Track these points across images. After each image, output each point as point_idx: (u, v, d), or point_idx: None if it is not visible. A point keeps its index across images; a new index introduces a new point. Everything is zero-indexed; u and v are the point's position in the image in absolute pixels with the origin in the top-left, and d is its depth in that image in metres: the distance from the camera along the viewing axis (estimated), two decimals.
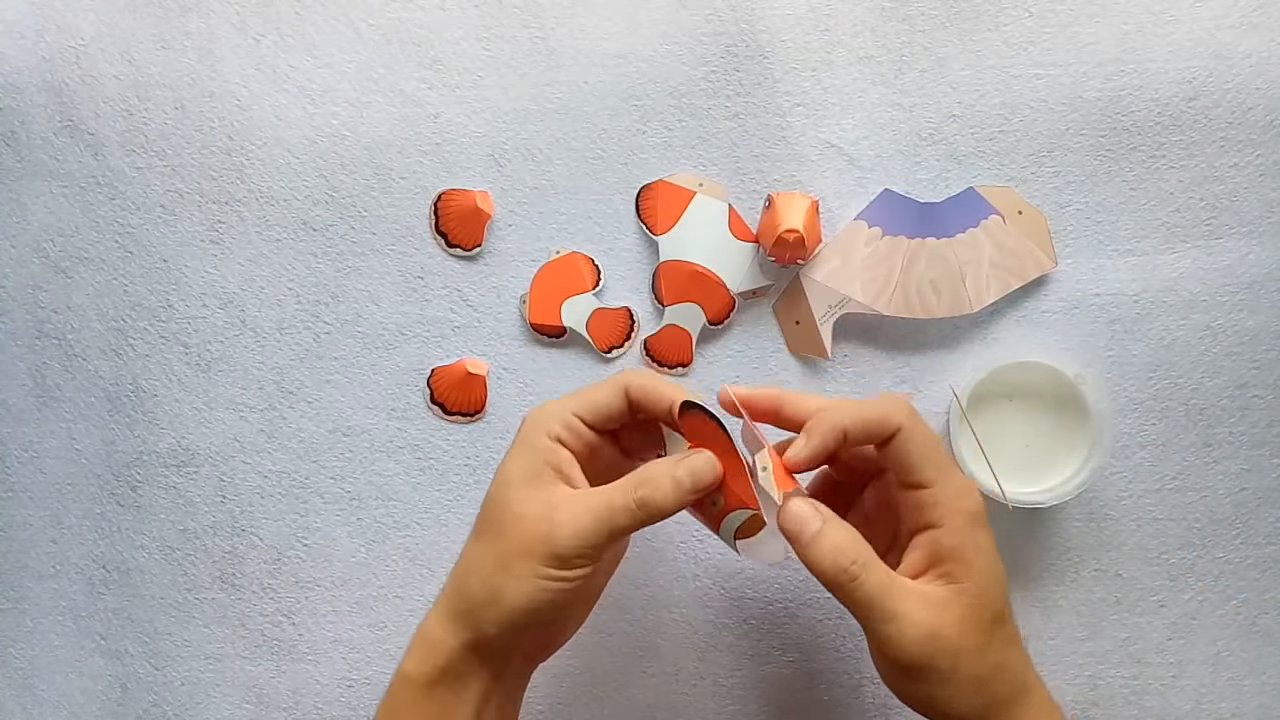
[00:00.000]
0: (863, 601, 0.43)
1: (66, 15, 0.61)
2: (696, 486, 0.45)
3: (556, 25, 0.60)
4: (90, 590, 0.62)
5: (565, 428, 0.46)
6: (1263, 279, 0.58)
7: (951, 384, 0.58)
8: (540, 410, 0.47)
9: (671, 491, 0.45)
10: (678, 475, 0.45)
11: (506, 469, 0.46)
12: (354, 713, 0.61)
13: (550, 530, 0.44)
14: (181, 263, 0.61)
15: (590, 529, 0.44)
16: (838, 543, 0.44)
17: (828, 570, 0.44)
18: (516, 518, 0.44)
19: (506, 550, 0.44)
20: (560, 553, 0.43)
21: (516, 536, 0.44)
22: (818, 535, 0.44)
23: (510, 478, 0.46)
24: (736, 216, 0.59)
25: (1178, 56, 0.58)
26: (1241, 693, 0.59)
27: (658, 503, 0.44)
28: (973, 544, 0.44)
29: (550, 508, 0.44)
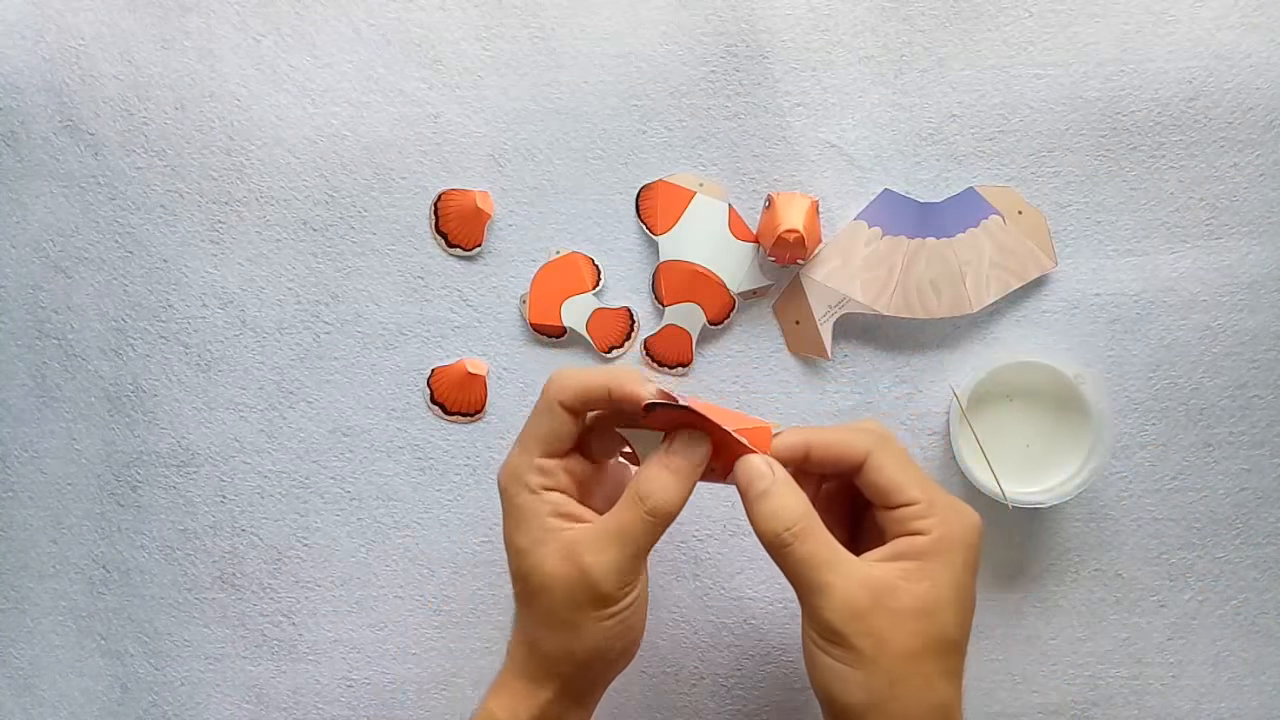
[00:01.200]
0: (794, 568, 0.43)
1: (66, 15, 0.61)
2: (695, 466, 0.45)
3: (557, 25, 0.60)
4: (90, 590, 0.62)
5: (539, 473, 0.45)
6: (1263, 279, 0.58)
7: (951, 384, 0.58)
8: (509, 471, 0.46)
9: (675, 486, 0.44)
10: (673, 466, 0.45)
11: (514, 541, 0.46)
12: (354, 713, 0.61)
13: (584, 577, 0.44)
14: (181, 263, 0.61)
15: (619, 559, 0.44)
16: (779, 506, 0.43)
17: (764, 532, 0.43)
18: (550, 581, 0.44)
19: (558, 612, 0.44)
20: (605, 592, 0.44)
21: (560, 597, 0.44)
22: (763, 495, 0.43)
23: (521, 546, 0.45)
24: (736, 216, 0.59)
25: (1178, 56, 0.58)
26: (1241, 693, 0.59)
27: (668, 504, 0.44)
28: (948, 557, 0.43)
29: (574, 556, 0.44)
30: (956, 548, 0.43)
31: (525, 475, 0.45)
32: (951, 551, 0.43)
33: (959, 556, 0.43)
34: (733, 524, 0.60)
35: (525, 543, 0.45)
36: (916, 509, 0.44)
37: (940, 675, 0.43)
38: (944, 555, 0.43)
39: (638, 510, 0.44)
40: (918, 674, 0.42)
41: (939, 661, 0.43)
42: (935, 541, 0.43)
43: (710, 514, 0.60)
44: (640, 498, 0.44)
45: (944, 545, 0.43)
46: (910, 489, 0.44)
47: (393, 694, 0.61)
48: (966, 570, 0.44)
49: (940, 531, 0.43)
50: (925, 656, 0.42)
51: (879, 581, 0.42)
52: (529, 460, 0.46)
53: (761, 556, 0.60)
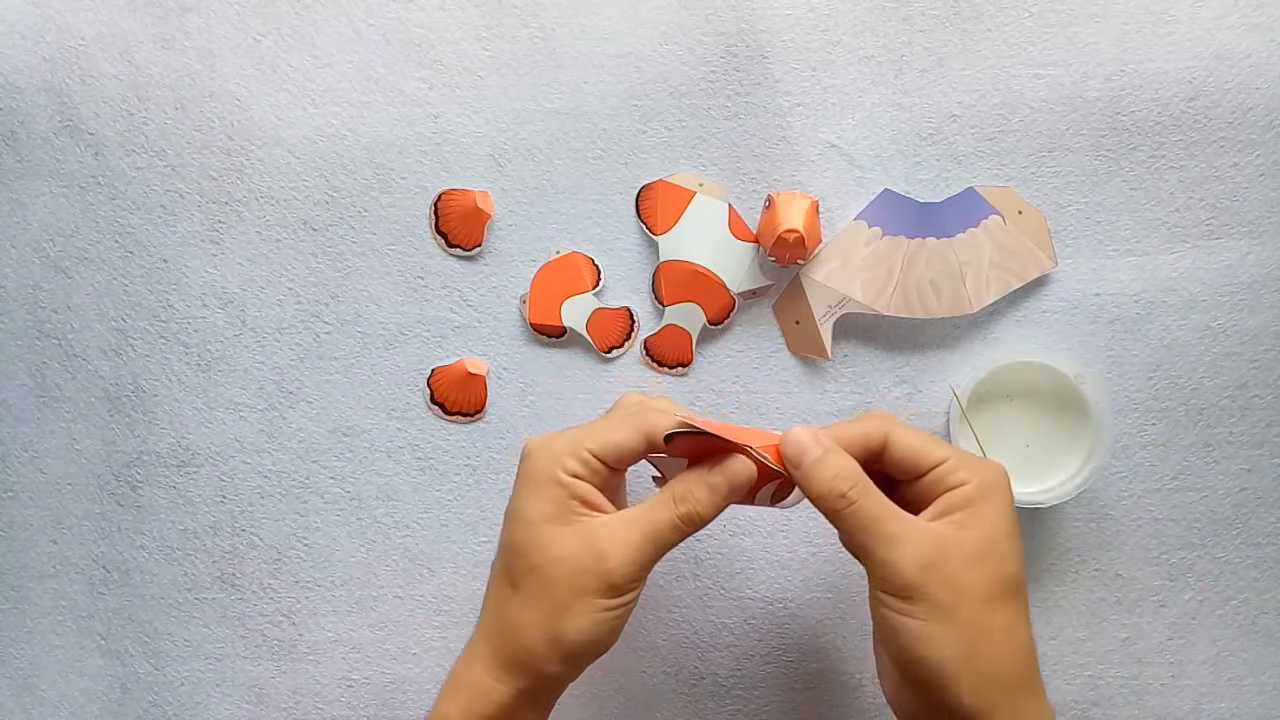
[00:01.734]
0: (860, 526, 0.43)
1: (66, 15, 0.61)
2: (734, 490, 0.45)
3: (557, 25, 0.60)
4: (90, 590, 0.62)
5: (581, 463, 0.45)
6: (1263, 279, 0.58)
7: (951, 384, 0.58)
8: (548, 444, 0.46)
9: (710, 500, 0.45)
10: (714, 483, 0.45)
11: (524, 510, 0.45)
12: (354, 713, 0.61)
13: (598, 563, 0.43)
14: (181, 263, 0.61)
15: (642, 551, 0.44)
16: (836, 469, 0.44)
17: (825, 494, 0.43)
18: (558, 559, 0.44)
19: (555, 593, 0.43)
20: (616, 581, 0.43)
21: (564, 577, 0.43)
22: (819, 460, 0.44)
23: (533, 518, 0.44)
24: (736, 216, 0.59)
25: (1178, 56, 0.58)
26: (1241, 693, 0.59)
27: (701, 514, 0.45)
28: (993, 501, 0.44)
29: (592, 540, 0.44)
30: (997, 490, 0.44)
31: (566, 458, 0.45)
32: (995, 494, 0.44)
33: (1002, 497, 0.44)
34: (733, 524, 0.60)
35: (537, 515, 0.44)
36: (948, 465, 0.44)
37: (1017, 618, 0.43)
38: (988, 499, 0.44)
39: (670, 511, 0.44)
40: (999, 619, 0.42)
41: (1013, 602, 0.43)
42: (976, 488, 0.44)
43: None
44: (676, 500, 0.45)
45: (985, 489, 0.44)
46: (935, 450, 0.45)
47: (393, 694, 0.61)
48: (1010, 512, 0.44)
49: (978, 479, 0.44)
50: (1001, 599, 0.42)
51: (940, 534, 0.43)
52: (577, 448, 0.45)
53: (762, 556, 0.60)
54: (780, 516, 0.60)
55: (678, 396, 0.60)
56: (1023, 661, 0.43)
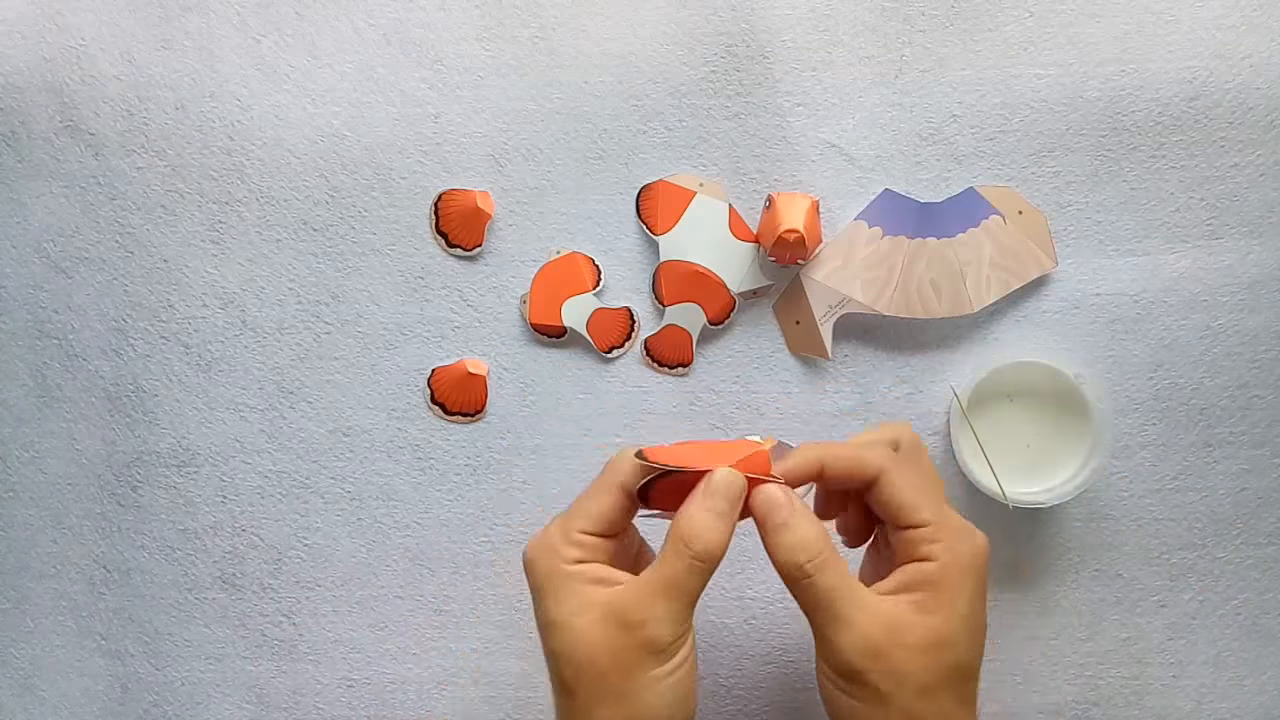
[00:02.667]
0: (813, 602, 0.42)
1: (66, 15, 0.61)
2: (734, 504, 0.43)
3: (557, 25, 0.60)
4: (91, 590, 0.62)
5: (577, 547, 0.44)
6: (1263, 279, 0.58)
7: (951, 384, 0.58)
8: (542, 544, 0.44)
9: (718, 526, 0.43)
10: (711, 507, 0.43)
11: (549, 616, 0.43)
12: (354, 713, 0.61)
13: (635, 635, 0.42)
14: (182, 263, 0.61)
15: (670, 611, 0.42)
16: (798, 538, 0.43)
17: (784, 563, 0.43)
18: (594, 648, 0.42)
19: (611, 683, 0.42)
20: (659, 648, 0.42)
21: (609, 664, 0.42)
22: (782, 526, 0.43)
23: (560, 620, 0.43)
24: (736, 216, 0.59)
25: (1178, 56, 0.58)
26: (1242, 693, 0.59)
27: (715, 546, 0.42)
28: (958, 585, 0.43)
29: (621, 616, 0.42)
30: (965, 575, 0.43)
31: (560, 548, 0.43)
32: (960, 579, 0.43)
33: (968, 583, 0.43)
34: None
35: (561, 615, 0.43)
36: (924, 532, 0.43)
37: (960, 706, 0.43)
38: (952, 583, 0.43)
39: (684, 557, 0.42)
40: (935, 708, 0.42)
41: (955, 690, 0.43)
42: (942, 569, 0.43)
43: None
44: (686, 543, 0.42)
45: (952, 573, 0.43)
46: (919, 511, 0.43)
47: (393, 694, 0.61)
48: (976, 596, 0.43)
49: (947, 559, 0.43)
50: (941, 689, 0.42)
51: (893, 617, 0.42)
52: (569, 532, 0.44)
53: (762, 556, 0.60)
54: None
55: (678, 396, 0.60)
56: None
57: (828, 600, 0.42)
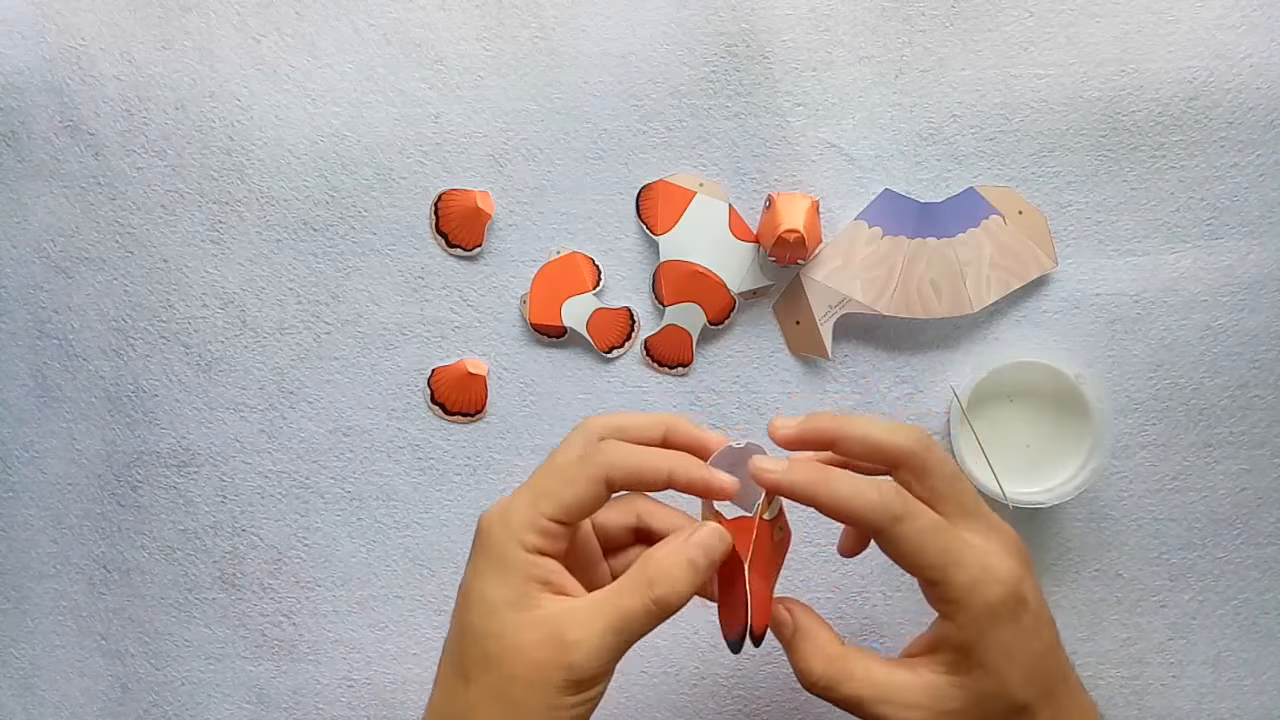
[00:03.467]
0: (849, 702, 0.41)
1: (67, 15, 0.61)
2: (711, 564, 0.40)
3: (557, 25, 0.60)
4: (91, 590, 0.62)
5: (541, 534, 0.40)
6: (1263, 279, 0.58)
7: (951, 384, 0.58)
8: (503, 516, 0.41)
9: (688, 579, 0.39)
10: (691, 557, 0.40)
11: (484, 593, 0.40)
12: (354, 713, 0.61)
13: (562, 655, 0.38)
14: (182, 263, 0.61)
15: (608, 644, 0.39)
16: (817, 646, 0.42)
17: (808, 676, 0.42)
18: (516, 649, 0.39)
19: (513, 690, 0.38)
20: (580, 677, 0.38)
21: (522, 670, 0.38)
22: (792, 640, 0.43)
23: (493, 603, 0.40)
24: (737, 216, 0.59)
25: (1178, 56, 0.58)
26: (1242, 693, 0.59)
27: (678, 597, 0.39)
28: (988, 641, 0.40)
29: (555, 629, 0.39)
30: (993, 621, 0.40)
31: (523, 532, 0.40)
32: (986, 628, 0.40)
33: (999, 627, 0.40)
34: None
35: (496, 598, 0.39)
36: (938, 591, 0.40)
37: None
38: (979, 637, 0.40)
39: (643, 597, 0.39)
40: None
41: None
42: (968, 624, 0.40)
43: None
44: (648, 584, 0.39)
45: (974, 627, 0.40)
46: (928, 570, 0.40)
47: (393, 694, 0.61)
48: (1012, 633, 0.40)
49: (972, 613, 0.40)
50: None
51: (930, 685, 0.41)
52: (535, 517, 0.40)
53: None
54: None
55: (678, 396, 0.60)
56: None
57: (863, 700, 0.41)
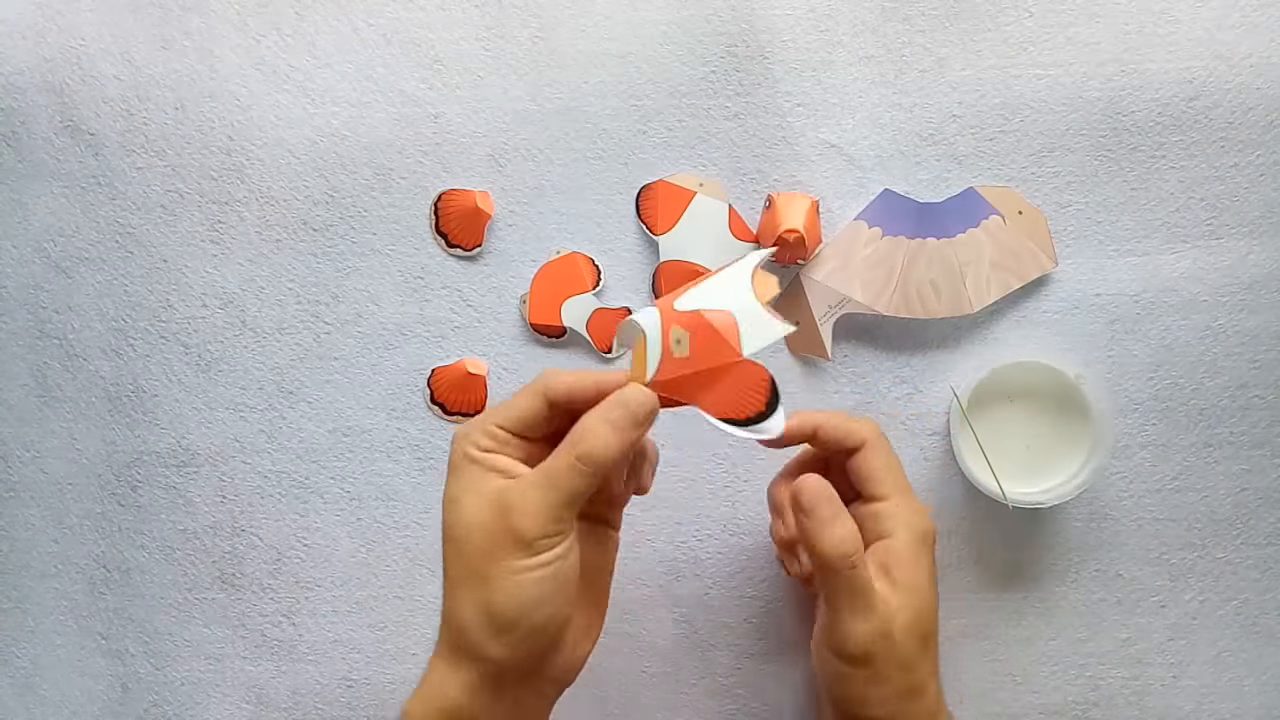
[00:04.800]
0: (847, 590, 0.45)
1: (67, 15, 0.61)
2: (636, 422, 0.43)
3: (557, 25, 0.60)
4: (91, 590, 0.62)
5: (490, 438, 0.44)
6: (1263, 279, 0.58)
7: (951, 384, 0.58)
8: (462, 431, 0.45)
9: (610, 436, 0.42)
10: (612, 418, 0.43)
11: (450, 494, 0.44)
12: (354, 713, 0.61)
13: (507, 522, 0.42)
14: (182, 263, 0.61)
15: (543, 503, 0.42)
16: (848, 531, 0.45)
17: (835, 554, 0.45)
18: (472, 527, 0.43)
19: (475, 563, 0.43)
20: (527, 537, 0.42)
21: (479, 543, 0.42)
22: (832, 519, 0.45)
23: (453, 496, 0.44)
24: (736, 216, 0.59)
25: (1178, 56, 0.58)
26: (1242, 693, 0.59)
27: (599, 451, 0.42)
28: (918, 559, 0.47)
29: (501, 501, 0.43)
30: (920, 549, 0.48)
31: (476, 435, 0.44)
32: (917, 553, 0.48)
33: (924, 557, 0.48)
34: (733, 524, 0.60)
35: (455, 493, 0.44)
36: (884, 507, 0.48)
37: (928, 672, 0.48)
38: (915, 559, 0.47)
39: (568, 455, 0.42)
40: (916, 678, 0.47)
41: (927, 659, 0.47)
42: (905, 546, 0.47)
43: (710, 514, 0.60)
44: (573, 443, 0.42)
45: (913, 549, 0.48)
46: (885, 484, 0.48)
47: (393, 694, 0.61)
48: (931, 570, 0.48)
49: (905, 535, 0.48)
50: (922, 659, 0.47)
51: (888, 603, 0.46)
52: (484, 424, 0.44)
53: (762, 557, 0.60)
54: None
55: None
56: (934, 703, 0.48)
57: (861, 590, 0.45)
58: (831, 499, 0.46)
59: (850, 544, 0.45)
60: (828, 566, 0.45)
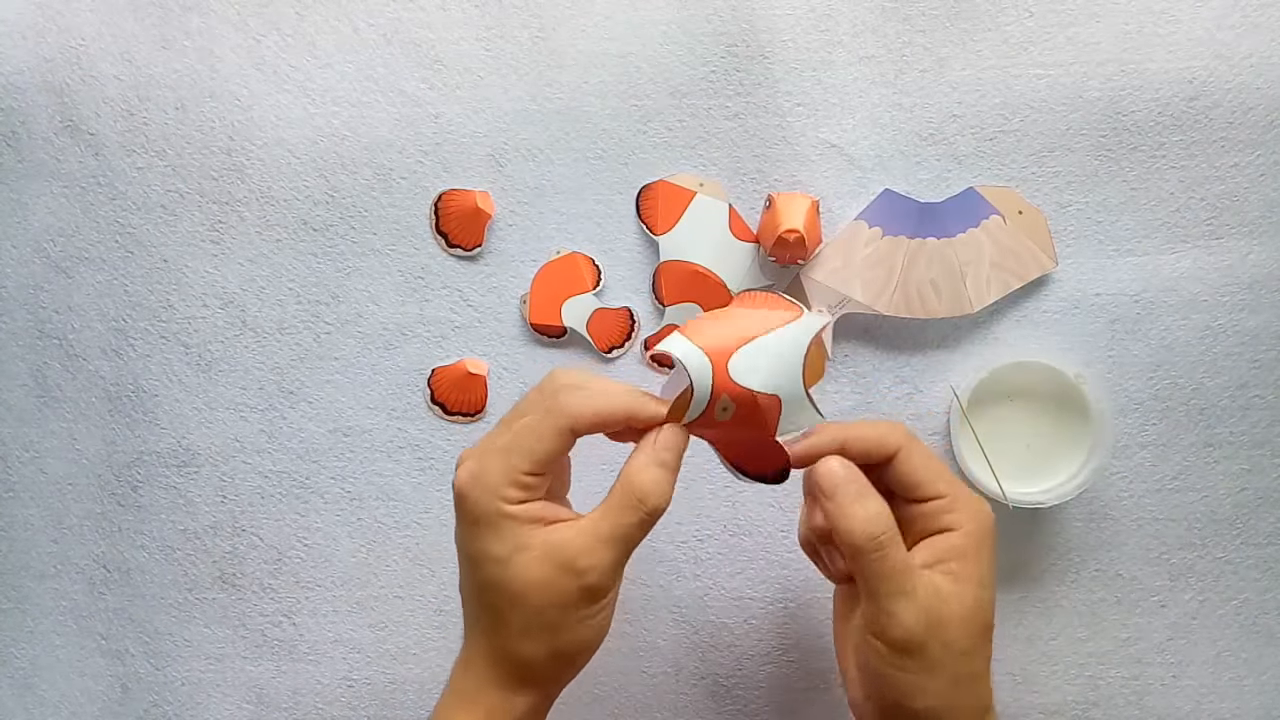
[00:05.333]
0: (881, 573, 0.43)
1: (67, 15, 0.61)
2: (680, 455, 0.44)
3: (557, 25, 0.60)
4: (91, 590, 0.62)
5: (519, 488, 0.43)
6: (1263, 279, 0.58)
7: (951, 384, 0.58)
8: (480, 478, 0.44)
9: (668, 480, 0.44)
10: (664, 461, 0.44)
11: (487, 551, 0.44)
12: (354, 713, 0.61)
13: (577, 579, 0.43)
14: (182, 263, 0.61)
15: (615, 558, 0.43)
16: (875, 511, 0.43)
17: (862, 534, 0.43)
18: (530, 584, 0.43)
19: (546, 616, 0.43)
20: (596, 593, 0.43)
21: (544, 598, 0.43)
22: (857, 498, 0.43)
23: (497, 556, 0.43)
24: (737, 216, 0.59)
25: (1178, 56, 0.58)
26: (1242, 693, 0.59)
27: (666, 501, 0.44)
28: (983, 552, 0.45)
29: (563, 558, 0.43)
30: (985, 542, 0.45)
31: (503, 489, 0.43)
32: (981, 546, 0.45)
33: (986, 550, 0.45)
34: (733, 524, 0.60)
35: (502, 551, 0.43)
36: (942, 504, 0.45)
37: (984, 663, 0.45)
38: (976, 551, 0.45)
39: (637, 512, 0.43)
40: (977, 667, 0.45)
41: (983, 651, 0.45)
42: (966, 537, 0.45)
43: (710, 514, 0.60)
44: (640, 500, 0.43)
45: (974, 540, 0.45)
46: (938, 483, 0.45)
47: (393, 694, 0.61)
48: (992, 560, 0.46)
49: (969, 527, 0.45)
50: (977, 651, 0.44)
51: (939, 589, 0.44)
52: (511, 473, 0.43)
53: (762, 557, 0.60)
54: (780, 516, 0.59)
55: None
56: (987, 696, 0.45)
57: (895, 572, 0.43)
58: (854, 478, 0.44)
59: (879, 523, 0.43)
60: (857, 548, 0.43)
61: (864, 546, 0.43)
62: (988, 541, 0.45)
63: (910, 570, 0.43)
